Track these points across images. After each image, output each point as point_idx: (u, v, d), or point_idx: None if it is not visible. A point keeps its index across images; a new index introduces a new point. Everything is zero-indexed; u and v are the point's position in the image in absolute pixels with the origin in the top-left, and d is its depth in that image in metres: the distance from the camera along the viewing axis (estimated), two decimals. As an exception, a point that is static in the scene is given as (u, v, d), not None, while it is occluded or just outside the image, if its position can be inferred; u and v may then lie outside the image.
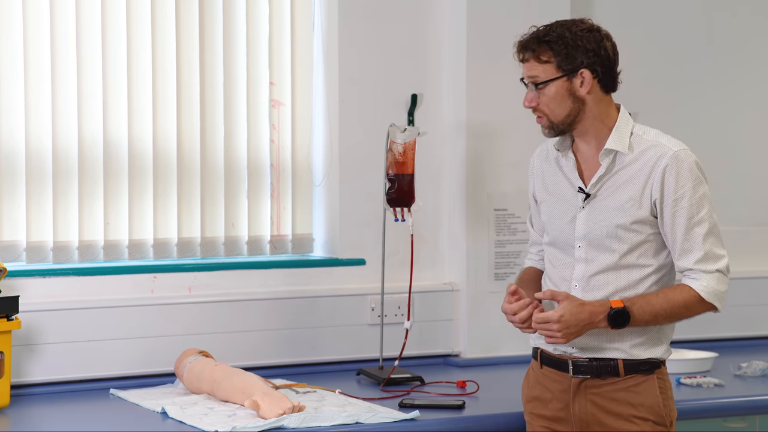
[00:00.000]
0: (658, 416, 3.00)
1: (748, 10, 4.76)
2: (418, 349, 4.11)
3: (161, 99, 3.89)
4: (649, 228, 2.99)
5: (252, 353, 3.89)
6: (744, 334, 4.61)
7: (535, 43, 2.99)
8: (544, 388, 3.11)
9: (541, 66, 2.98)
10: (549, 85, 2.97)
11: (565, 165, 3.08)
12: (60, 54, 3.74)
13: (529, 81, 3.00)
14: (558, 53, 2.97)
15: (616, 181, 3.00)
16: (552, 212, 3.09)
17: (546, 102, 2.99)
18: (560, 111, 2.99)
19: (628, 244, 2.98)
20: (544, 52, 2.98)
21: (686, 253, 2.96)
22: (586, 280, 3.01)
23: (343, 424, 3.16)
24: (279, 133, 4.09)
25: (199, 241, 3.95)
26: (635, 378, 3.01)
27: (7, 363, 3.40)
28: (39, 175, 3.73)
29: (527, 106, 3.02)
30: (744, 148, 4.76)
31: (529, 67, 2.99)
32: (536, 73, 2.99)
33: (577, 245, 3.02)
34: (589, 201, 3.02)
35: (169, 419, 3.24)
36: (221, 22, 3.97)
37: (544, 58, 2.98)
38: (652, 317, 2.94)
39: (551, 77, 2.97)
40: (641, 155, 2.99)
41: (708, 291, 2.95)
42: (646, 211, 2.98)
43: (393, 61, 4.16)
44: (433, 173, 4.19)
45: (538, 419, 3.12)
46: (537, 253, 3.25)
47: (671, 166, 2.95)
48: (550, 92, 2.98)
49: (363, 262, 4.11)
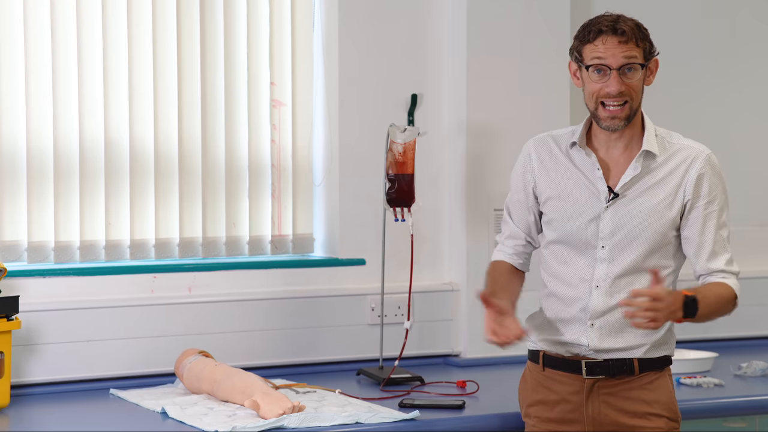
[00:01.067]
0: (672, 412, 3.02)
1: (747, 10, 4.76)
2: (418, 349, 4.11)
3: (162, 99, 3.89)
4: (674, 230, 2.99)
5: (252, 353, 3.89)
6: (744, 334, 4.61)
7: (634, 25, 2.93)
8: (548, 390, 3.08)
9: (638, 49, 2.92)
10: (639, 70, 2.92)
11: (581, 161, 3.02)
12: (61, 54, 3.75)
13: (627, 63, 2.90)
14: (647, 39, 2.94)
15: (646, 183, 2.98)
16: (565, 211, 3.03)
17: (634, 88, 2.92)
18: (639, 98, 2.96)
19: (654, 245, 2.97)
20: (640, 36, 2.93)
21: (716, 255, 2.97)
22: (611, 281, 2.97)
23: (343, 424, 3.16)
24: (280, 133, 4.10)
25: (201, 241, 3.95)
26: (649, 375, 3.01)
27: (7, 363, 3.40)
28: (40, 175, 3.73)
29: (617, 91, 2.90)
30: (744, 148, 4.76)
31: (629, 48, 2.90)
32: (635, 55, 2.91)
33: (600, 245, 2.98)
34: (614, 201, 2.98)
35: (169, 419, 3.24)
36: (222, 22, 3.97)
37: (641, 43, 2.92)
38: (710, 309, 2.89)
39: (643, 62, 2.93)
40: (671, 158, 2.98)
41: (738, 291, 2.98)
42: (675, 213, 2.97)
43: (393, 61, 4.16)
44: (433, 173, 4.19)
45: (544, 423, 3.09)
46: (513, 247, 3.15)
47: (706, 168, 2.97)
48: (637, 78, 2.93)
49: (363, 262, 4.11)
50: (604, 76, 2.92)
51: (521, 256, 3.16)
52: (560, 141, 3.08)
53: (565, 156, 3.06)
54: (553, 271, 3.07)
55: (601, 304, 2.99)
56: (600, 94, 2.93)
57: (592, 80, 2.93)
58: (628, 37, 2.90)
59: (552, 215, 3.06)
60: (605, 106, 2.93)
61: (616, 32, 2.90)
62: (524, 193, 3.12)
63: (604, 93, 2.92)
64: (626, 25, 2.91)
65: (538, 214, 3.12)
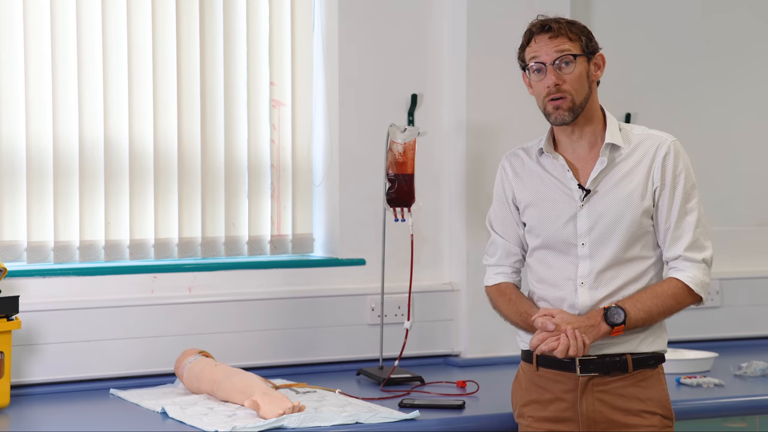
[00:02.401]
0: (665, 410, 3.02)
1: (747, 10, 4.76)
2: (418, 349, 4.11)
3: (162, 99, 3.89)
4: (650, 219, 3.02)
5: (252, 353, 3.89)
6: (744, 334, 4.61)
7: (565, 22, 3.01)
8: (542, 389, 3.09)
9: (571, 43, 2.98)
10: (576, 62, 2.98)
11: (551, 166, 3.08)
12: (61, 54, 3.75)
13: (559, 56, 2.97)
14: (583, 33, 3.01)
15: (614, 175, 3.02)
16: (543, 216, 3.08)
17: (571, 81, 2.98)
18: (582, 92, 3.00)
19: (633, 236, 3.00)
20: (573, 31, 3.00)
21: (676, 241, 3.00)
22: (594, 276, 3.00)
23: (343, 424, 3.16)
24: (279, 133, 4.10)
25: (200, 241, 3.95)
26: (642, 373, 3.02)
27: (7, 363, 3.40)
28: (40, 175, 3.73)
29: (553, 84, 2.97)
30: (743, 148, 4.76)
31: (560, 43, 2.98)
32: (568, 47, 2.98)
33: (580, 243, 3.02)
34: (588, 198, 3.02)
35: (169, 419, 3.24)
36: (221, 22, 3.97)
37: (573, 36, 2.99)
38: (647, 314, 2.96)
39: (580, 53, 2.99)
40: (637, 148, 3.03)
41: (695, 282, 2.98)
42: (648, 201, 3.00)
43: (393, 61, 4.16)
44: (433, 173, 4.19)
45: (538, 422, 3.10)
46: (511, 266, 3.19)
47: (669, 154, 3.01)
48: (576, 71, 2.98)
49: (363, 262, 4.11)
50: (543, 74, 3.00)
51: (518, 273, 3.22)
52: (530, 151, 3.15)
53: (536, 164, 3.12)
54: (539, 276, 3.11)
55: (588, 299, 3.01)
56: (543, 92, 3.00)
57: (535, 81, 3.02)
58: (556, 32, 2.99)
59: (532, 222, 3.11)
60: (551, 101, 3.00)
61: (545, 29, 3.00)
62: (508, 208, 3.18)
63: (545, 88, 2.99)
64: (555, 22, 3.01)
65: (522, 225, 3.15)
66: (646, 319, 2.97)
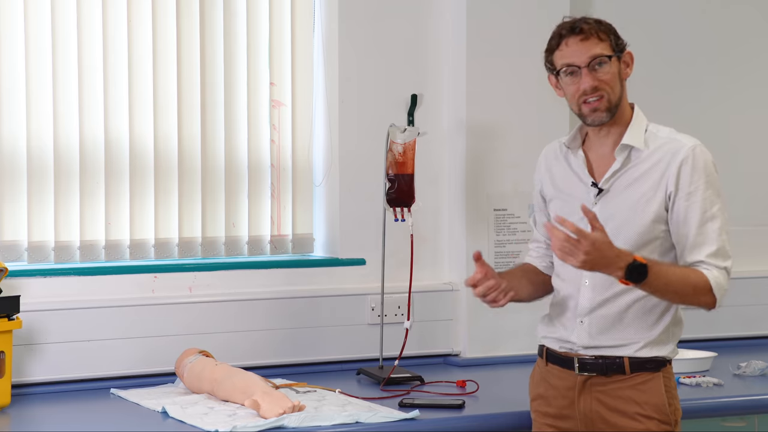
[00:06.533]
0: (663, 414, 3.00)
1: (747, 9, 4.76)
2: (418, 348, 4.11)
3: (162, 99, 3.89)
4: (662, 225, 2.98)
5: (252, 353, 3.89)
6: (743, 333, 4.61)
7: (594, 21, 2.99)
8: (548, 385, 3.11)
9: (602, 43, 2.97)
10: (610, 62, 2.96)
11: (574, 162, 3.08)
12: (61, 54, 3.75)
13: (594, 58, 2.95)
14: (611, 31, 3.00)
15: (630, 176, 3.00)
16: (562, 210, 3.05)
17: (607, 81, 2.96)
18: (617, 91, 2.99)
19: (640, 240, 2.97)
20: (602, 30, 2.98)
21: (698, 247, 2.93)
22: (599, 277, 2.96)
23: (343, 423, 3.16)
24: (279, 133, 4.10)
25: (200, 240, 3.96)
26: (641, 376, 3.01)
27: (8, 362, 3.40)
28: (40, 175, 3.73)
29: (590, 86, 2.95)
30: (744, 148, 4.76)
31: (591, 44, 2.95)
32: (600, 50, 2.96)
33: None
34: (601, 197, 3.01)
35: (170, 419, 3.24)
36: (221, 22, 3.98)
37: (603, 36, 2.97)
38: (664, 286, 2.87)
39: (611, 54, 2.97)
40: (656, 151, 2.99)
41: (717, 283, 2.92)
42: (659, 207, 2.96)
43: (393, 61, 4.16)
44: (433, 173, 4.19)
45: (543, 417, 3.13)
46: (535, 250, 3.26)
47: (687, 160, 2.96)
48: (610, 70, 2.97)
49: (363, 262, 4.12)
50: (577, 77, 2.97)
51: (543, 259, 3.24)
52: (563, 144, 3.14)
53: (564, 158, 3.12)
54: (557, 269, 3.14)
55: (589, 300, 3.01)
56: (578, 94, 2.98)
57: (568, 84, 3.00)
58: (587, 34, 2.96)
59: (554, 215, 3.08)
60: (586, 103, 2.98)
61: (576, 32, 2.97)
62: (539, 198, 3.21)
63: (581, 91, 2.97)
64: (585, 23, 2.98)
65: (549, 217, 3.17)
66: (660, 289, 2.88)
